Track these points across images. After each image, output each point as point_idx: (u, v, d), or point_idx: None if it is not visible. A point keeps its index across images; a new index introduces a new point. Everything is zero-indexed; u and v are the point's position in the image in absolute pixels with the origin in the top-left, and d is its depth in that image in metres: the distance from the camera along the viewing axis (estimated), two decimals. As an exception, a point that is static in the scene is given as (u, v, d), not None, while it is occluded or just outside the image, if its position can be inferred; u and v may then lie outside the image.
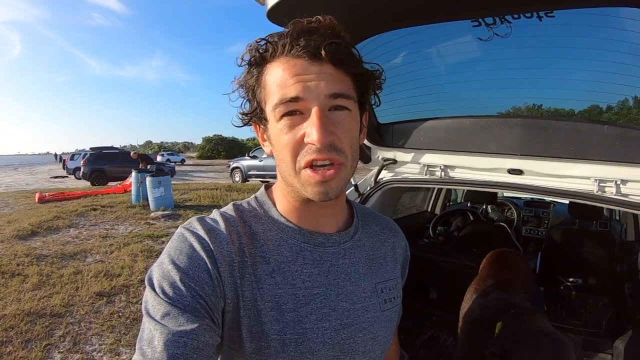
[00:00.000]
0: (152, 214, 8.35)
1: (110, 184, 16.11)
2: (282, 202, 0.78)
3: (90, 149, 19.00)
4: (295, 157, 0.67)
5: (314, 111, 0.64)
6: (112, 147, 20.47)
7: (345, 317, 0.74)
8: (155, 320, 0.61)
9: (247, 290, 0.69)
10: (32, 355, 3.04)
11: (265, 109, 0.70)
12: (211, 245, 0.68)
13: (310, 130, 0.64)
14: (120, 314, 3.75)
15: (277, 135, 0.68)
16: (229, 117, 0.78)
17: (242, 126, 0.78)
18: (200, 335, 0.61)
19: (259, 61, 0.70)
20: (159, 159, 31.53)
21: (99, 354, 3.12)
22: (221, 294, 0.67)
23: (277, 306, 0.70)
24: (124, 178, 15.16)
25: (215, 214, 0.76)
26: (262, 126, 0.74)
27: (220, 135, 58.11)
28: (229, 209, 0.79)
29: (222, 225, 0.72)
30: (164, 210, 8.60)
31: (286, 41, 0.66)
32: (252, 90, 0.72)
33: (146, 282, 0.66)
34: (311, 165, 0.66)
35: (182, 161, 41.68)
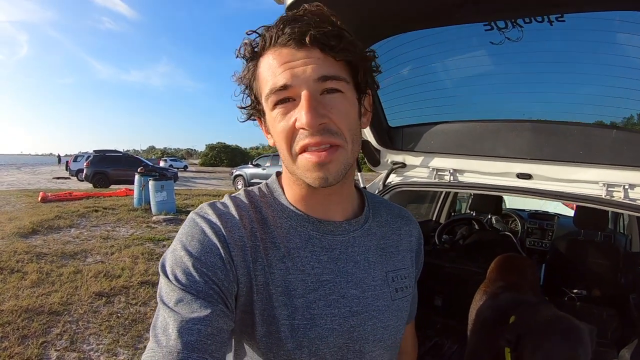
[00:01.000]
0: (154, 218, 8.37)
1: (113, 187, 16.12)
2: (289, 191, 0.78)
3: (94, 151, 19.06)
4: (290, 144, 0.67)
5: (303, 95, 0.63)
6: (115, 151, 20.52)
7: (355, 304, 0.74)
8: (169, 307, 0.61)
9: (259, 275, 0.69)
10: (28, 351, 3.00)
11: (261, 100, 0.71)
12: (223, 230, 0.68)
13: (300, 114, 0.64)
14: (119, 314, 3.72)
15: (273, 124, 0.69)
16: (233, 124, 0.80)
17: (244, 121, 0.78)
18: (213, 321, 0.61)
19: (252, 55, 0.71)
20: (161, 164, 31.59)
21: (96, 354, 3.09)
22: (234, 278, 0.67)
23: (287, 291, 0.70)
24: (126, 181, 15.20)
25: (226, 199, 0.77)
26: (263, 119, 0.75)
27: (224, 143, 58.25)
28: (240, 194, 0.79)
29: (233, 210, 0.73)
30: (165, 215, 8.61)
31: (273, 32, 0.67)
32: (249, 84, 0.73)
33: (159, 269, 0.67)
34: (306, 149, 0.66)
35: (185, 167, 41.74)
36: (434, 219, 3.52)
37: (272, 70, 0.66)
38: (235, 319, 0.69)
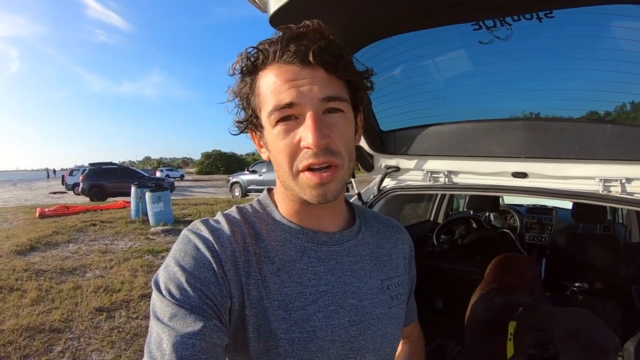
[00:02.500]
0: (152, 229, 8.32)
1: (110, 199, 16.05)
2: (282, 205, 0.79)
3: (89, 164, 18.98)
4: (292, 162, 0.68)
5: (309, 115, 0.65)
6: (111, 163, 20.43)
7: (354, 313, 0.75)
8: (163, 322, 0.61)
9: (253, 289, 0.69)
10: (30, 371, 2.99)
11: (260, 115, 0.71)
12: (215, 245, 0.68)
13: (306, 134, 0.65)
14: (120, 329, 3.69)
15: (274, 141, 0.69)
16: (228, 132, 0.80)
17: (238, 134, 0.79)
18: (208, 336, 0.61)
19: (251, 69, 0.71)
20: (158, 174, 31.50)
21: (99, 370, 3.07)
22: (227, 293, 0.67)
23: (284, 305, 0.70)
24: (123, 194, 15.14)
25: (218, 216, 0.77)
26: (258, 133, 0.75)
27: (219, 151, 58.27)
28: (232, 211, 0.80)
29: (225, 225, 0.73)
30: (163, 225, 8.58)
31: (277, 48, 0.67)
32: (246, 98, 0.73)
33: (153, 285, 0.66)
34: (309, 168, 0.67)
35: (182, 177, 41.59)
36: (431, 219, 3.51)
37: (275, 87, 0.67)
38: (229, 335, 0.69)
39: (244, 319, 0.68)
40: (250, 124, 0.75)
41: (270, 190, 0.84)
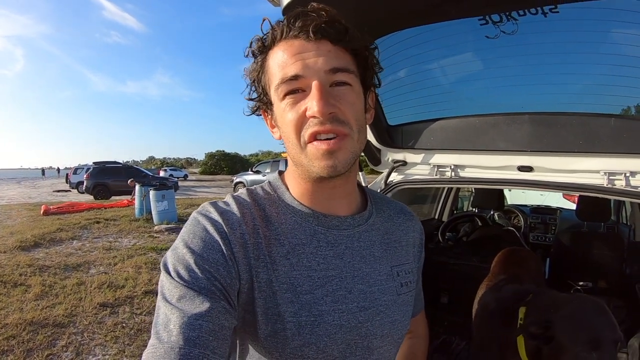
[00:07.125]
0: (156, 227, 8.38)
1: (114, 198, 16.10)
2: (294, 186, 0.78)
3: (93, 163, 19.06)
4: (299, 133, 0.68)
5: (314, 85, 0.65)
6: (115, 162, 20.49)
7: (362, 299, 0.74)
8: (171, 303, 0.61)
9: (262, 272, 0.68)
10: (34, 365, 3.00)
11: (269, 92, 0.72)
12: (224, 227, 0.68)
13: (311, 103, 0.65)
14: (124, 324, 3.71)
15: (282, 114, 0.70)
16: (232, 132, 0.81)
17: (251, 114, 0.80)
18: (215, 318, 0.60)
19: (261, 49, 0.72)
20: (161, 174, 31.56)
21: (103, 365, 3.09)
22: (236, 274, 0.67)
23: (292, 288, 0.69)
24: (127, 192, 15.21)
25: (228, 198, 0.77)
26: (269, 113, 0.76)
27: (223, 151, 58.33)
28: (242, 193, 0.79)
29: (235, 208, 0.73)
30: (167, 224, 8.62)
31: (284, 25, 0.68)
32: (257, 76, 0.74)
33: (161, 266, 0.66)
34: (315, 138, 0.67)
35: (185, 177, 41.61)
36: (436, 217, 3.52)
37: (283, 61, 0.68)
38: (238, 317, 0.69)
39: (252, 301, 0.68)
40: (260, 101, 0.76)
41: (281, 173, 0.84)
